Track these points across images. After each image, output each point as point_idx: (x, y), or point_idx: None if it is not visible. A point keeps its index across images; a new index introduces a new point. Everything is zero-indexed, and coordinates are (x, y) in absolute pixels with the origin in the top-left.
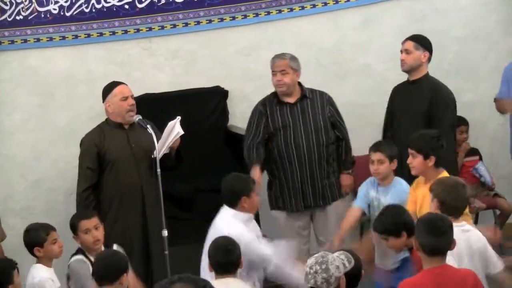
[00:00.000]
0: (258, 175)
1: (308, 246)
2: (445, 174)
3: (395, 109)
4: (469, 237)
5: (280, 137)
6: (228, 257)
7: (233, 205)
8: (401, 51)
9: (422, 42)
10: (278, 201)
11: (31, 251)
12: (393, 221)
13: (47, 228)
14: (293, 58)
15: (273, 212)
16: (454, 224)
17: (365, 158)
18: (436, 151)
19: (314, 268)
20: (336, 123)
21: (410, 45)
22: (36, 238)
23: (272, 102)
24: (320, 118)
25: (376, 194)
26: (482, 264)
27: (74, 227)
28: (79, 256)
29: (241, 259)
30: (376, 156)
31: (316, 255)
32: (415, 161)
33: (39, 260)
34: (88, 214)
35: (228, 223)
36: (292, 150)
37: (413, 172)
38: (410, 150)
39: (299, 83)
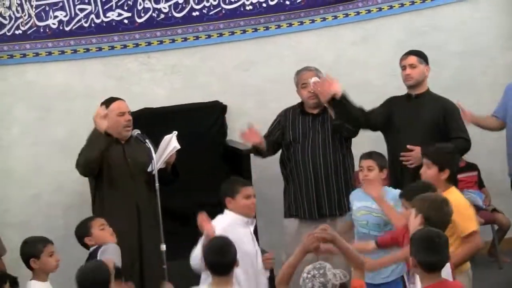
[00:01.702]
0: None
1: (317, 258)
2: (455, 192)
3: (396, 122)
4: None
5: (298, 146)
6: (222, 259)
7: (225, 206)
8: (403, 67)
9: (423, 56)
10: (292, 207)
11: (27, 262)
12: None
13: (45, 241)
14: (318, 69)
15: (285, 222)
16: None
17: None
18: (451, 166)
19: (312, 273)
20: None
21: (414, 59)
22: (33, 249)
23: (296, 111)
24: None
25: (360, 204)
26: None
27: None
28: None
29: (236, 260)
30: (367, 163)
31: (312, 263)
32: (429, 171)
33: (34, 275)
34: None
35: (217, 218)
36: (308, 158)
37: None
38: (425, 161)
39: None
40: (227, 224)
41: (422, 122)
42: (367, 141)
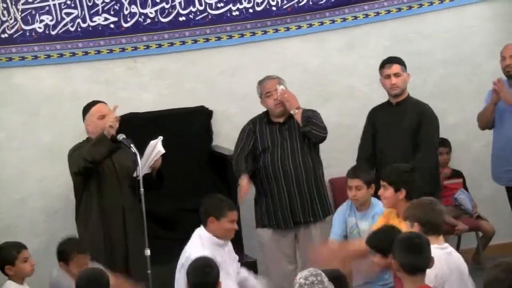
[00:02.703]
0: (245, 183)
1: (295, 266)
2: None
3: (379, 131)
4: (453, 259)
5: (267, 155)
6: (204, 278)
7: (203, 223)
8: (387, 76)
9: (404, 64)
10: (264, 218)
11: (2, 269)
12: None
13: (19, 247)
14: (280, 78)
15: (259, 231)
16: (437, 245)
17: None
18: (408, 184)
19: (311, 279)
20: None
21: (398, 68)
22: (7, 256)
23: (262, 121)
24: (302, 134)
25: (355, 220)
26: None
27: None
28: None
29: (219, 280)
30: (354, 182)
31: (307, 269)
32: (386, 193)
33: (10, 278)
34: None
35: (193, 243)
36: (279, 167)
37: (384, 204)
38: (382, 182)
39: None
40: (209, 246)
41: (402, 129)
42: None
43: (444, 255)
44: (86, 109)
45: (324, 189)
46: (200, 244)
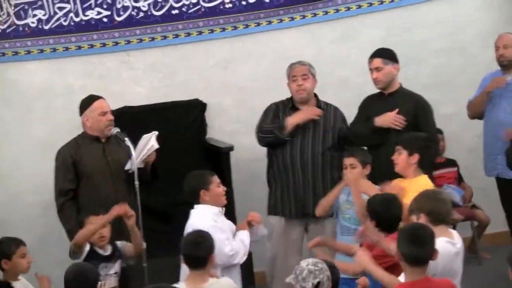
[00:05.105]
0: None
1: (300, 257)
2: (424, 178)
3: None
4: (459, 259)
5: (288, 144)
6: (196, 251)
7: (197, 201)
8: (371, 70)
9: (388, 56)
10: (277, 205)
11: None
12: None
13: (18, 243)
14: (312, 66)
15: (270, 218)
16: (448, 240)
17: None
18: (421, 151)
19: (320, 266)
20: (346, 139)
21: (378, 62)
22: (5, 250)
23: (287, 107)
24: (330, 131)
25: (347, 198)
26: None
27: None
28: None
29: (212, 255)
30: (349, 161)
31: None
32: (400, 157)
33: (4, 275)
34: (97, 212)
35: (196, 220)
36: (297, 158)
37: (396, 169)
38: (397, 147)
39: (315, 94)
40: (210, 224)
41: None
42: None
43: (453, 255)
44: (86, 104)
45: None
46: (202, 216)
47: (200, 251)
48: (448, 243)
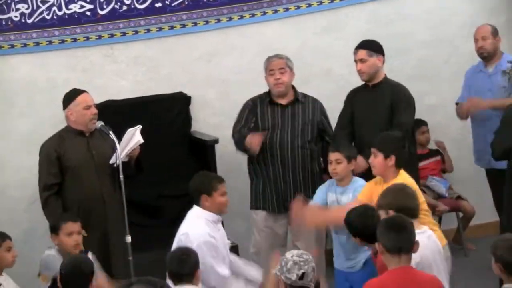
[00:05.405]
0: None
1: (285, 250)
2: (403, 175)
3: (356, 113)
4: (432, 241)
5: (267, 138)
6: (180, 268)
7: (197, 203)
8: (355, 61)
9: (373, 47)
10: (258, 200)
11: None
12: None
13: (4, 236)
14: (289, 59)
15: (252, 213)
16: (418, 231)
17: None
18: (397, 151)
19: (304, 257)
20: (326, 130)
21: (363, 53)
22: None
23: (264, 101)
24: (309, 124)
25: (335, 195)
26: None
27: (56, 227)
28: (52, 252)
29: (197, 271)
30: (335, 156)
31: (295, 250)
32: (376, 160)
33: None
34: (75, 218)
35: (191, 222)
36: (276, 150)
37: (374, 172)
38: (372, 149)
39: (293, 86)
40: (205, 230)
41: (379, 112)
42: None
43: (425, 239)
44: (70, 98)
45: (318, 178)
46: (198, 222)
47: (185, 268)
48: (418, 234)
